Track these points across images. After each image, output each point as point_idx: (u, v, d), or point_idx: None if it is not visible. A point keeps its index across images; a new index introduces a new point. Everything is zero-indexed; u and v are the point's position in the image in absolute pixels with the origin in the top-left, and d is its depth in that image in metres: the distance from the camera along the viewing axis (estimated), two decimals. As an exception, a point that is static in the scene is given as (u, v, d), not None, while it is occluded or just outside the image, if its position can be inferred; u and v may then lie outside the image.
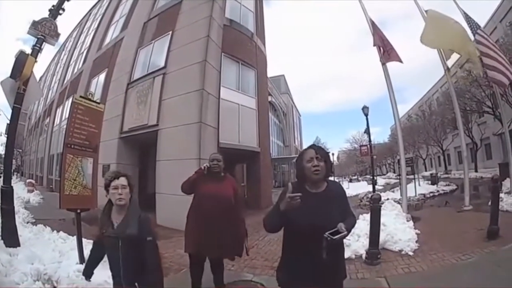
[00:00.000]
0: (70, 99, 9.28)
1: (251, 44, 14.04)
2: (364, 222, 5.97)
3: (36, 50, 5.53)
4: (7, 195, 5.06)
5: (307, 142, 63.81)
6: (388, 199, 10.11)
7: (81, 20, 27.88)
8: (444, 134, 32.38)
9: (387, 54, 8.84)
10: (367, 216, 5.87)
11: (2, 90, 5.26)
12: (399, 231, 6.13)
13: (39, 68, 42.86)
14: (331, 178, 2.50)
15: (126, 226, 2.39)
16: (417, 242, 5.83)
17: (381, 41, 8.85)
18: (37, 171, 27.64)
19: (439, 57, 10.02)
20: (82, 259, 4.51)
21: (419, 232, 6.41)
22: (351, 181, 43.82)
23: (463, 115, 21.11)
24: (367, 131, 18.74)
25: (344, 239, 2.00)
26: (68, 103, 17.75)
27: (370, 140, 19.70)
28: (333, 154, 52.46)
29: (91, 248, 2.67)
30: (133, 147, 12.58)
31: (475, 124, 27.69)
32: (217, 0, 11.60)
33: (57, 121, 22.66)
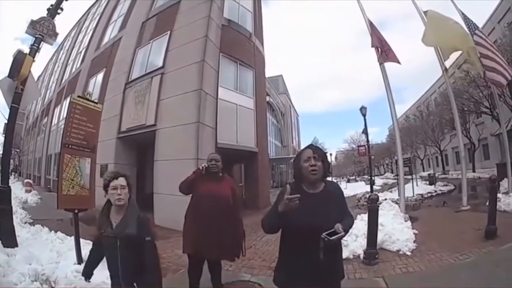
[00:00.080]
0: (68, 99, 9.27)
1: (249, 44, 14.04)
2: (362, 222, 5.97)
3: (34, 49, 5.51)
4: (4, 195, 5.03)
5: (305, 142, 63.86)
6: (386, 199, 10.10)
7: (79, 20, 27.88)
8: (442, 135, 32.47)
9: (385, 55, 8.84)
10: (365, 216, 5.86)
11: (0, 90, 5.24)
12: (397, 231, 6.14)
13: (37, 68, 42.75)
14: (329, 178, 2.50)
15: (125, 226, 2.38)
16: (415, 242, 5.84)
17: (379, 42, 8.85)
18: (35, 171, 27.56)
19: (437, 57, 10.05)
20: (80, 260, 4.51)
21: (417, 232, 6.42)
22: (349, 181, 43.71)
23: (461, 115, 21.09)
24: (365, 131, 18.85)
25: (342, 239, 2.01)
26: (66, 103, 17.74)
27: (368, 141, 19.82)
28: (331, 154, 52.58)
29: (90, 248, 2.65)
30: (131, 147, 12.57)
31: (473, 124, 27.77)
32: (215, 0, 11.59)
33: (55, 121, 22.62)
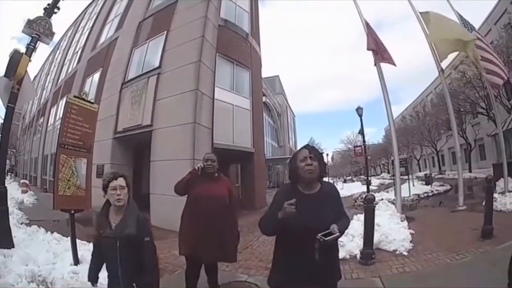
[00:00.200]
0: (64, 99, 9.24)
1: (246, 44, 14.05)
2: (358, 223, 5.98)
3: (31, 49, 5.49)
4: (0, 196, 5.01)
5: (302, 142, 63.88)
6: (382, 199, 10.14)
7: (76, 19, 27.75)
8: (438, 135, 32.57)
9: (380, 56, 8.86)
10: (361, 217, 5.88)
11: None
12: (393, 231, 6.16)
13: (33, 67, 42.59)
14: (325, 179, 2.50)
15: (125, 226, 2.38)
16: (411, 242, 5.85)
17: (375, 44, 8.86)
18: (31, 172, 27.43)
19: (433, 58, 10.08)
20: (76, 260, 4.49)
21: (414, 232, 6.43)
22: (345, 181, 43.96)
23: (457, 116, 21.23)
24: (362, 131, 18.81)
25: (338, 240, 2.01)
26: (62, 103, 17.66)
27: (364, 141, 19.80)
28: (328, 154, 52.77)
29: (92, 251, 2.61)
30: (127, 147, 12.53)
31: (469, 125, 27.83)
32: (212, 0, 11.58)
33: (51, 120, 22.52)
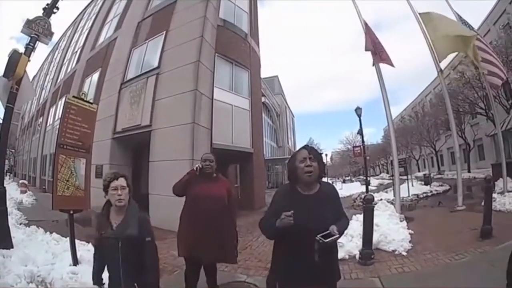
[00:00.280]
0: (63, 99, 9.22)
1: (245, 44, 14.05)
2: (357, 223, 5.99)
3: (30, 49, 5.47)
4: (-1, 196, 5.01)
5: (301, 143, 63.98)
6: (381, 199, 10.15)
7: (75, 19, 27.72)
8: (437, 135, 32.64)
9: (378, 57, 8.86)
10: (360, 217, 5.88)
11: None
12: (392, 231, 6.17)
13: (32, 67, 42.62)
14: (324, 179, 2.50)
15: (126, 226, 2.37)
16: (410, 242, 5.86)
17: (373, 44, 8.85)
18: (30, 172, 27.40)
19: (432, 59, 10.08)
20: (75, 261, 4.48)
21: (413, 232, 6.45)
22: (344, 181, 43.98)
23: (456, 116, 21.26)
24: (360, 132, 18.81)
25: (338, 241, 2.01)
26: (61, 103, 17.62)
27: (363, 141, 19.82)
28: (327, 155, 52.79)
29: (94, 254, 2.60)
30: (126, 148, 12.50)
31: (468, 125, 27.87)
32: (211, 1, 11.56)
33: (50, 121, 22.47)
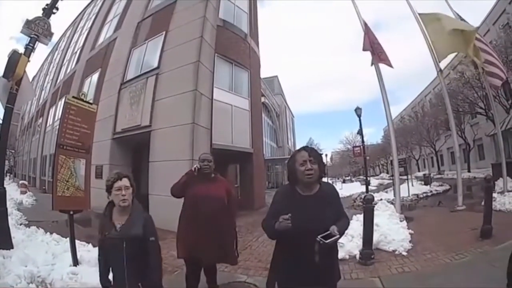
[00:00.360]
0: (63, 99, 9.22)
1: (244, 45, 14.03)
2: (357, 223, 5.98)
3: (29, 49, 5.48)
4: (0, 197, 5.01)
5: (301, 143, 64.03)
6: (381, 199, 10.15)
7: (74, 20, 27.69)
8: (437, 135, 32.62)
9: (377, 57, 8.86)
10: (360, 217, 5.88)
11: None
12: (392, 231, 6.16)
13: (32, 68, 42.59)
14: (324, 179, 2.50)
15: (131, 227, 2.37)
16: (410, 242, 5.86)
17: (372, 45, 8.84)
18: (30, 172, 27.36)
19: (432, 58, 10.08)
20: (75, 261, 4.49)
21: (413, 232, 6.45)
22: (344, 181, 44.01)
23: (455, 116, 21.26)
24: (360, 132, 18.79)
25: (338, 241, 2.00)
26: (61, 104, 17.60)
27: (363, 141, 19.80)
28: (326, 155, 52.79)
29: (98, 256, 2.57)
30: (126, 148, 12.49)
31: (468, 125, 27.89)
32: (211, 1, 11.55)
33: (50, 121, 22.46)
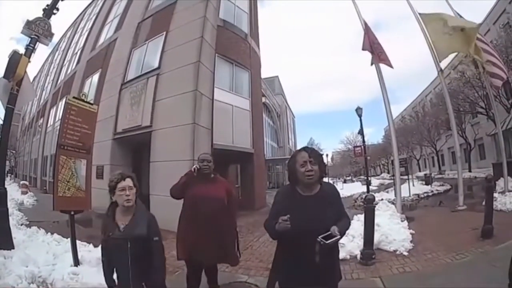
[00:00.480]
0: (64, 100, 9.23)
1: (245, 45, 14.04)
2: (358, 223, 5.97)
3: (30, 50, 5.48)
4: (0, 197, 5.01)
5: (301, 143, 63.88)
6: (382, 199, 10.14)
7: (75, 20, 27.71)
8: (437, 135, 32.55)
9: (377, 57, 8.85)
10: (361, 217, 5.87)
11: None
12: (393, 231, 6.16)
13: (32, 68, 42.52)
14: (325, 179, 2.49)
15: (135, 227, 2.38)
16: (411, 242, 5.86)
17: (372, 45, 8.83)
18: (31, 173, 27.40)
19: (432, 58, 10.07)
20: (76, 262, 4.49)
21: (414, 232, 6.44)
22: (345, 181, 44.03)
23: (456, 116, 21.21)
24: (361, 132, 18.77)
25: (339, 241, 2.00)
26: (62, 104, 17.63)
27: (364, 141, 19.79)
28: (327, 155, 52.84)
29: (102, 256, 2.57)
30: (126, 148, 12.49)
31: (469, 124, 27.81)
32: (211, 1, 11.55)
33: (50, 122, 22.49)
